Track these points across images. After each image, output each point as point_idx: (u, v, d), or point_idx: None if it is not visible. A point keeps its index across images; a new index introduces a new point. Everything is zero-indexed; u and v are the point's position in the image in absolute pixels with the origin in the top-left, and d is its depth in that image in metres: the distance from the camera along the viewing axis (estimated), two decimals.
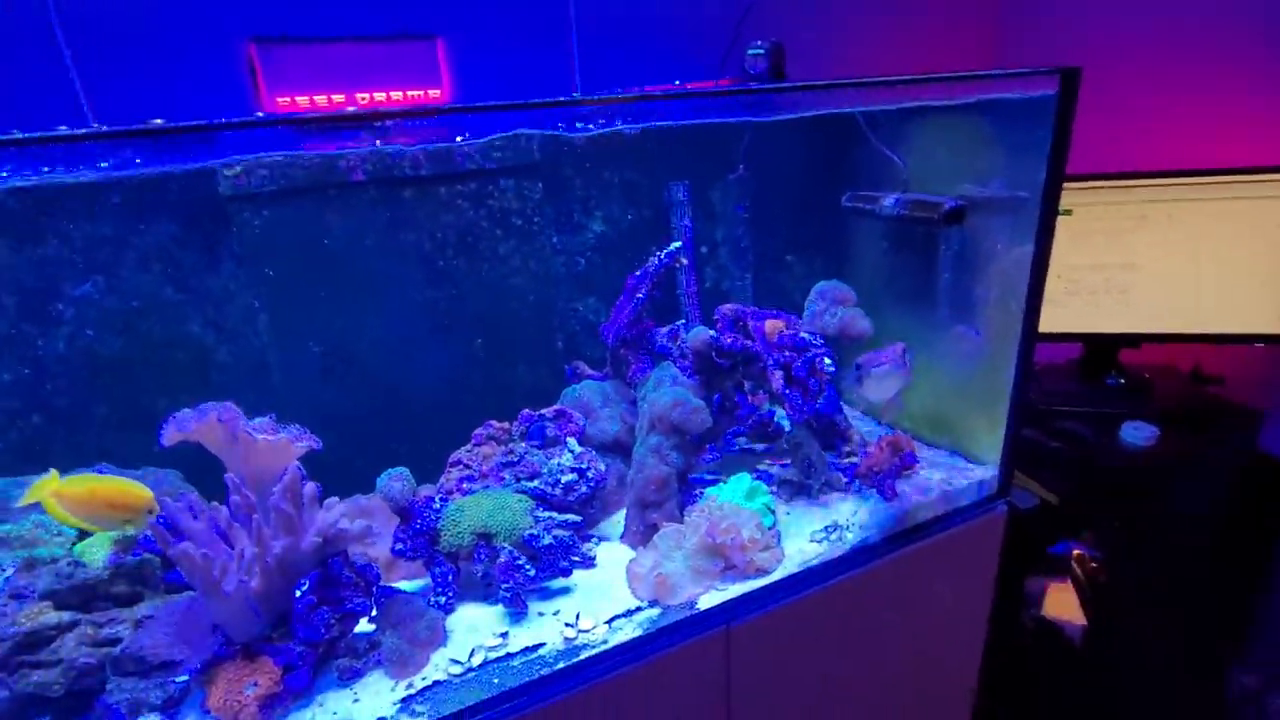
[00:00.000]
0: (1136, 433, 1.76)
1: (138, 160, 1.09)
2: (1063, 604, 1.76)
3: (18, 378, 1.17)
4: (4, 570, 1.07)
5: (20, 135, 0.74)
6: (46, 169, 1.06)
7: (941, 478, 1.42)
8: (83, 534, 1.07)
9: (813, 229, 1.65)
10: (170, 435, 1.06)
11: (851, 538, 1.30)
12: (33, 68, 1.30)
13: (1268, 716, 2.07)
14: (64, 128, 0.79)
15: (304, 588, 1.03)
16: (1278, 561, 2.03)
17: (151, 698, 0.96)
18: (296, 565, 1.02)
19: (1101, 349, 2.01)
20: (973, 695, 1.54)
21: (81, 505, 0.97)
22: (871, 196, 1.45)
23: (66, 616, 0.97)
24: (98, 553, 1.06)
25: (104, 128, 0.79)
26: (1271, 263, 1.79)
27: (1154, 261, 1.87)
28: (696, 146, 1.54)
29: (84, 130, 0.79)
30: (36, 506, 1.05)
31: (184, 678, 0.99)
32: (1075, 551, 1.73)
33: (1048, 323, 1.93)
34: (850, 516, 1.33)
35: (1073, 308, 1.99)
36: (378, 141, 1.25)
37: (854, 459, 1.43)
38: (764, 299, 1.62)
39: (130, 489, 1.01)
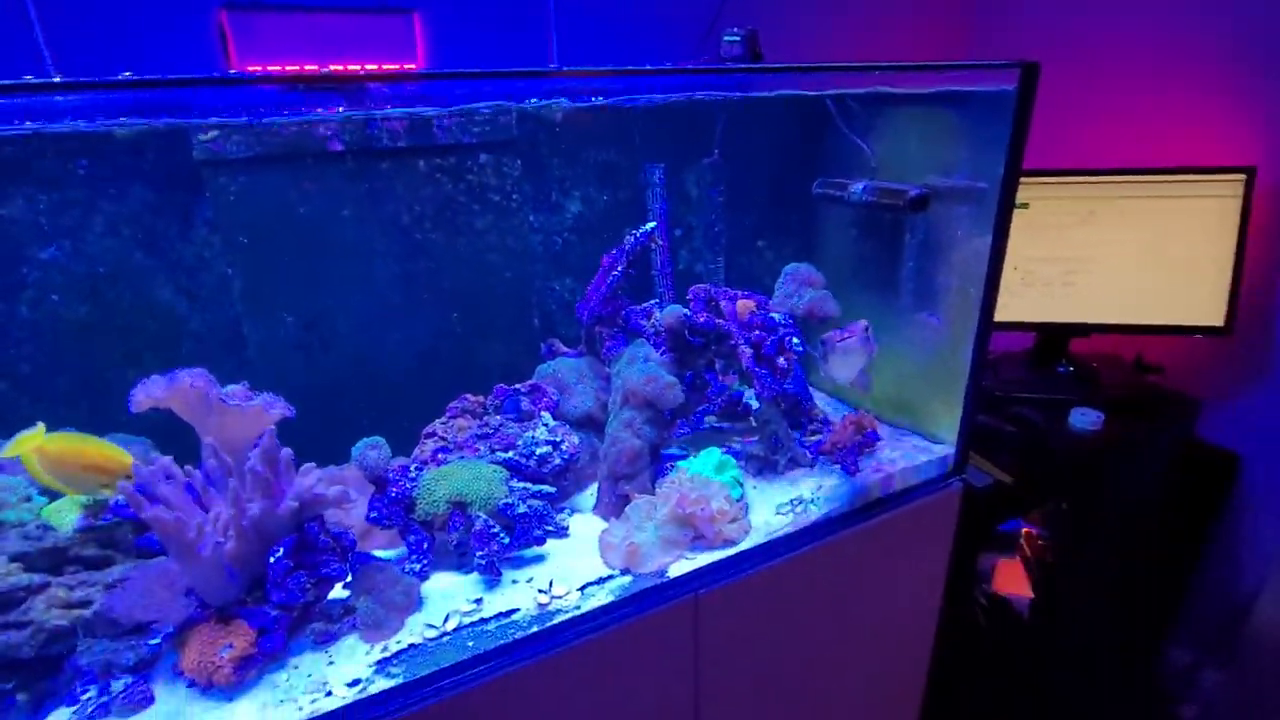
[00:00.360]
0: (1084, 418, 1.85)
1: (118, 119, 1.07)
2: (1011, 579, 1.85)
3: None
4: None
5: None
6: (16, 121, 1.04)
7: (901, 455, 1.48)
8: (51, 497, 1.05)
9: (784, 214, 1.70)
10: (140, 401, 1.05)
11: (816, 511, 1.35)
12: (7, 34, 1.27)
13: (1200, 690, 2.20)
14: (29, 77, 0.77)
15: (279, 552, 1.04)
16: (1211, 543, 2.16)
17: (123, 659, 0.96)
18: (272, 529, 1.02)
19: (1053, 338, 2.11)
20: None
21: (63, 465, 0.97)
22: (841, 183, 1.50)
23: (36, 579, 0.96)
24: (66, 516, 1.05)
25: (68, 79, 0.78)
26: (1211, 258, 1.89)
27: (1103, 255, 1.96)
28: (672, 130, 1.57)
29: (54, 80, 0.78)
30: (2, 469, 1.03)
31: (156, 640, 0.99)
32: (1024, 530, 1.82)
33: (1004, 312, 2.02)
34: (814, 491, 1.38)
35: (1028, 298, 2.08)
36: (340, 109, 1.24)
37: (819, 436, 1.49)
38: (736, 282, 1.66)
39: (115, 453, 1.01)
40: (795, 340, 1.36)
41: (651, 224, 1.40)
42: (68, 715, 0.94)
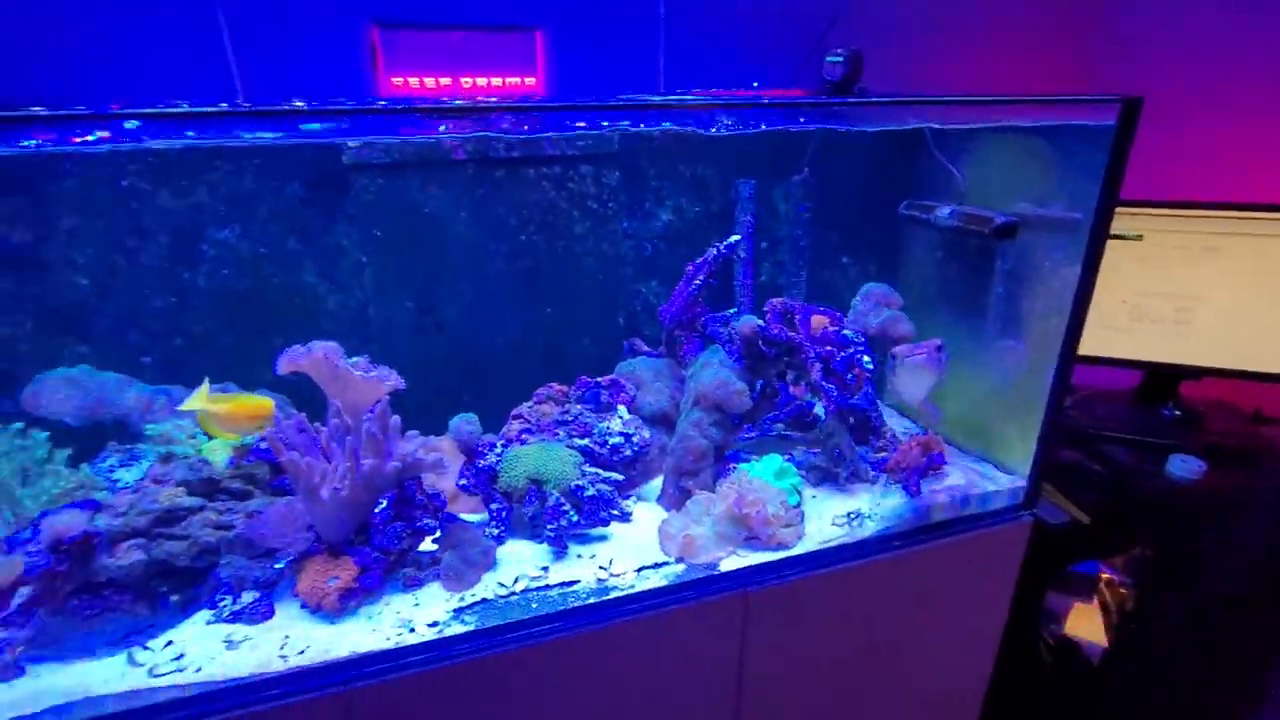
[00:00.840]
0: (1184, 466, 1.75)
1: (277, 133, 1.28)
2: (1085, 624, 1.78)
3: (167, 305, 1.40)
4: (148, 460, 1.30)
5: (186, 108, 0.92)
6: (191, 134, 1.26)
7: (969, 482, 1.48)
8: (210, 437, 1.28)
9: (870, 232, 1.72)
10: (284, 365, 1.25)
11: (872, 526, 1.38)
12: (192, 37, 1.51)
13: None
14: (224, 105, 0.96)
15: (383, 504, 1.21)
16: None
17: (254, 577, 1.16)
18: (379, 484, 1.19)
19: (1160, 379, 1.99)
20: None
21: (225, 418, 1.18)
22: (928, 206, 1.51)
23: (195, 502, 1.17)
24: (220, 455, 1.27)
25: (251, 105, 0.96)
26: None
27: (1222, 294, 1.84)
28: (765, 147, 1.64)
29: (240, 108, 0.96)
30: (172, 408, 1.27)
31: (280, 564, 1.19)
32: (1103, 574, 1.74)
33: (1108, 347, 1.95)
34: (873, 507, 1.41)
35: (1136, 334, 1.98)
36: (441, 126, 1.38)
37: (885, 454, 1.51)
38: (817, 297, 1.70)
39: (263, 403, 1.21)
40: (866, 359, 1.40)
41: (735, 237, 1.48)
42: (207, 617, 1.14)
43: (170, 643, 1.09)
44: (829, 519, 1.39)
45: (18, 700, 0.99)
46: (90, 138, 1.09)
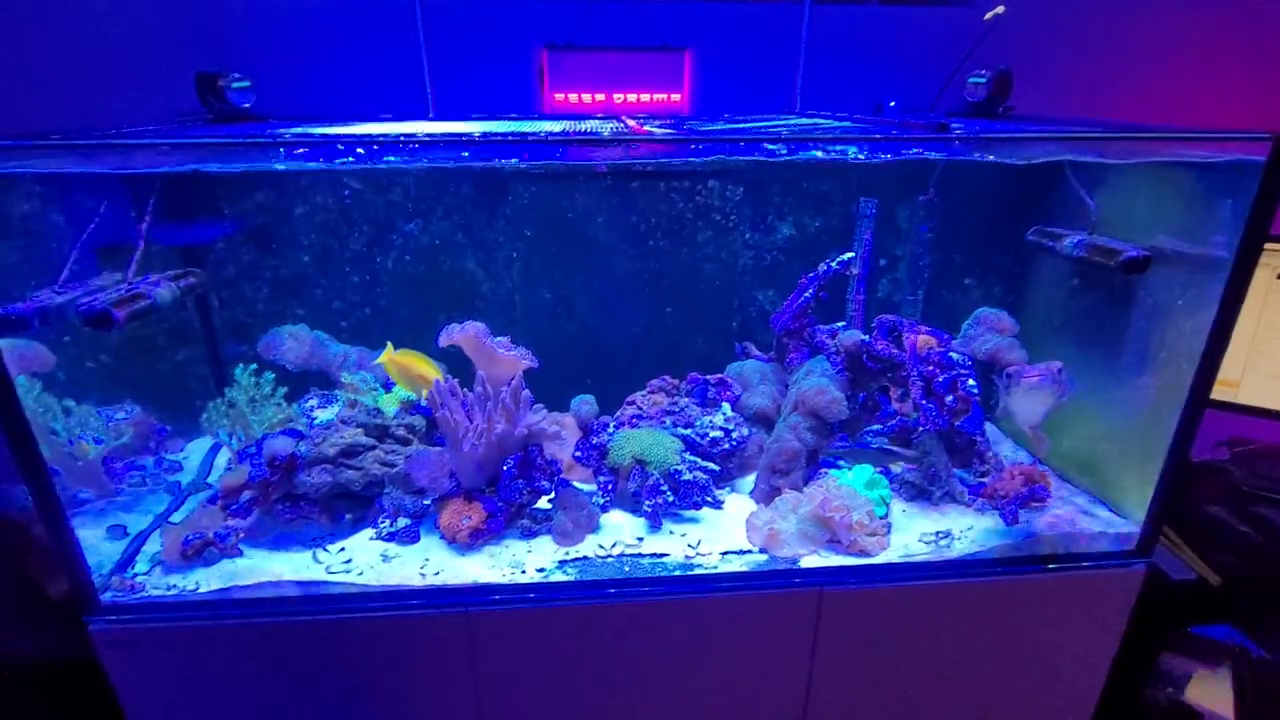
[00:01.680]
0: None
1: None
2: (1213, 695, 1.63)
3: (362, 281, 1.72)
4: (338, 404, 1.62)
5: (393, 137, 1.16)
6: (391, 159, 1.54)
7: (1074, 519, 1.44)
8: (387, 389, 1.57)
9: (994, 257, 1.70)
10: (444, 339, 1.51)
11: (960, 549, 1.40)
12: (400, 64, 1.83)
13: None
14: (420, 134, 1.19)
15: (510, 463, 1.43)
16: None
17: (407, 507, 1.43)
18: (509, 446, 1.41)
19: None
20: None
21: (402, 371, 1.47)
22: (1056, 234, 1.48)
23: (369, 442, 1.46)
24: (390, 407, 1.56)
25: (437, 129, 1.19)
26: None
27: None
28: (890, 167, 1.67)
29: (431, 137, 1.19)
30: (360, 364, 1.57)
31: (428, 501, 1.44)
32: (1237, 645, 1.59)
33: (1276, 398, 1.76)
34: (964, 530, 1.42)
35: None
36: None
37: (985, 479, 1.51)
38: (935, 317, 1.71)
39: (431, 369, 1.48)
40: (971, 382, 1.41)
41: (848, 255, 1.54)
42: (370, 534, 1.42)
43: (343, 549, 1.38)
44: (916, 535, 1.42)
45: (238, 573, 1.32)
46: (342, 160, 1.36)
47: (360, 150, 1.17)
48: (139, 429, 1.60)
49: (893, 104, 1.81)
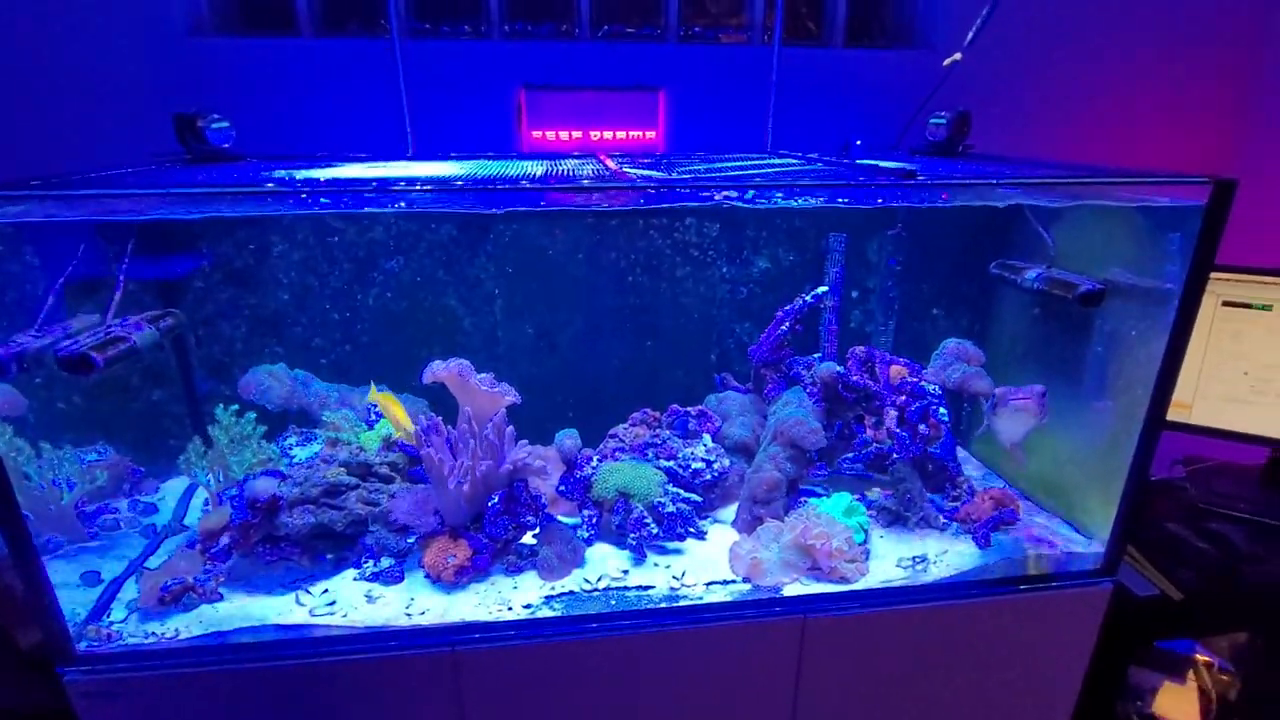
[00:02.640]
0: None
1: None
2: (1178, 707, 1.69)
3: (342, 319, 1.72)
4: (318, 443, 1.61)
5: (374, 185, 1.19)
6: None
7: (1043, 540, 1.49)
8: (370, 427, 1.57)
9: (960, 289, 1.77)
10: (427, 376, 1.52)
11: (937, 573, 1.44)
12: (379, 103, 1.85)
13: None
14: (402, 178, 1.21)
15: (495, 499, 1.44)
16: None
17: (391, 546, 1.42)
18: (494, 482, 1.42)
19: None
20: None
21: (388, 413, 1.47)
22: (1017, 267, 1.55)
23: (352, 481, 1.46)
24: (373, 445, 1.56)
25: (419, 186, 1.21)
26: None
27: None
28: (860, 207, 1.74)
29: (411, 184, 1.22)
30: (342, 402, 1.57)
31: (412, 539, 1.44)
32: (1200, 656, 1.66)
33: (1229, 419, 1.86)
34: (939, 554, 1.47)
35: (1261, 408, 1.86)
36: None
37: (958, 503, 1.56)
38: (905, 347, 1.77)
39: (402, 414, 1.49)
40: (941, 410, 1.47)
41: (822, 289, 1.60)
42: (354, 575, 1.41)
43: (325, 591, 1.37)
44: (894, 560, 1.46)
45: (219, 619, 1.30)
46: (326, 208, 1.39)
47: (345, 199, 1.19)
48: (113, 471, 1.58)
49: (859, 142, 1.89)
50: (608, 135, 2.06)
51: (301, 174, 1.32)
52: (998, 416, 1.42)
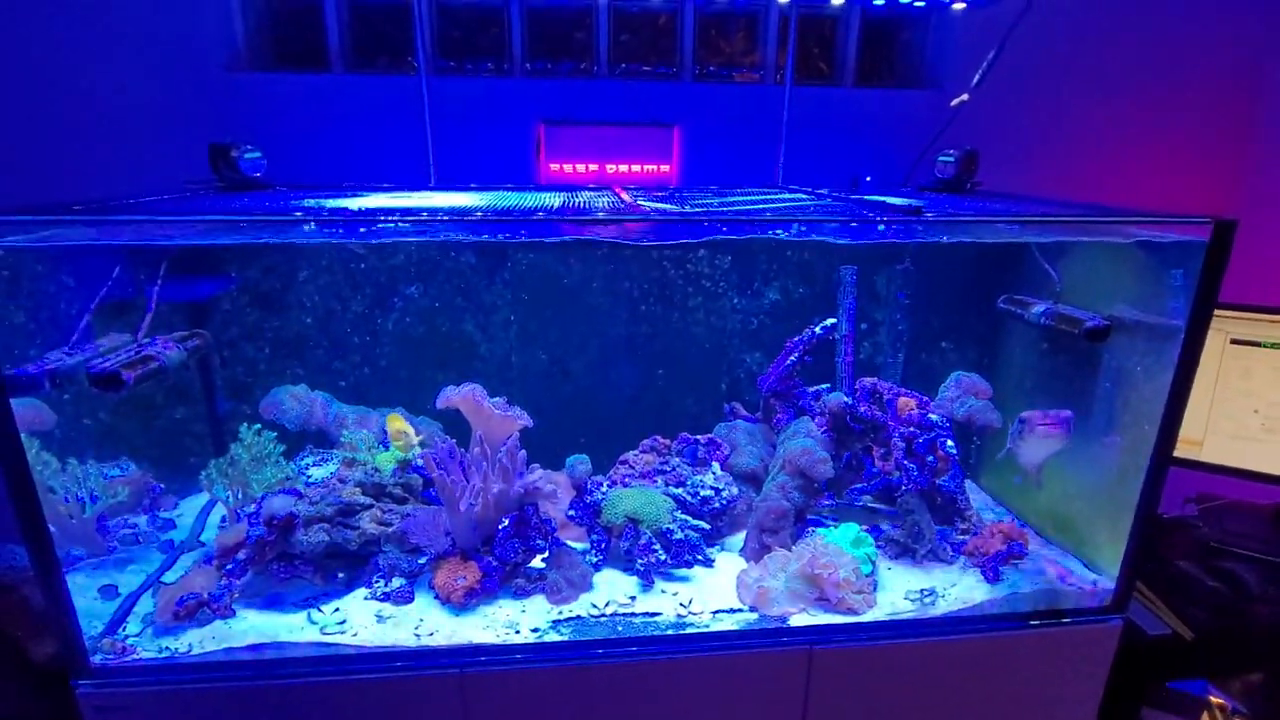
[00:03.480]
0: None
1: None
2: None
3: (362, 342, 1.77)
4: (334, 463, 1.64)
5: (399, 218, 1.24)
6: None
7: (1052, 576, 1.49)
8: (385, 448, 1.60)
9: (968, 322, 1.79)
10: (441, 402, 1.55)
11: (945, 606, 1.43)
12: (404, 135, 1.93)
13: None
14: (423, 213, 1.26)
15: (505, 523, 1.46)
16: None
17: (403, 567, 1.44)
18: (505, 506, 1.44)
19: None
20: None
21: (394, 435, 1.50)
22: (1025, 302, 1.58)
23: (366, 501, 1.48)
24: (387, 466, 1.58)
25: (443, 206, 1.26)
26: None
27: None
28: (870, 241, 1.78)
29: (435, 214, 1.27)
30: (360, 424, 1.61)
31: (423, 560, 1.46)
32: (1214, 698, 1.62)
33: (1239, 458, 1.85)
34: (947, 587, 1.47)
35: (1272, 446, 1.86)
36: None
37: (966, 537, 1.56)
38: (914, 380, 1.79)
39: (408, 427, 1.53)
40: (950, 443, 1.48)
41: (831, 320, 1.63)
42: (365, 594, 1.43)
43: (337, 609, 1.38)
44: (901, 592, 1.46)
45: (231, 634, 1.32)
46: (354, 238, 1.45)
47: (362, 228, 1.23)
48: (134, 486, 1.61)
49: (869, 179, 1.94)
50: (623, 169, 2.12)
51: (330, 203, 1.37)
52: (1024, 441, 1.43)
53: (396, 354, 1.78)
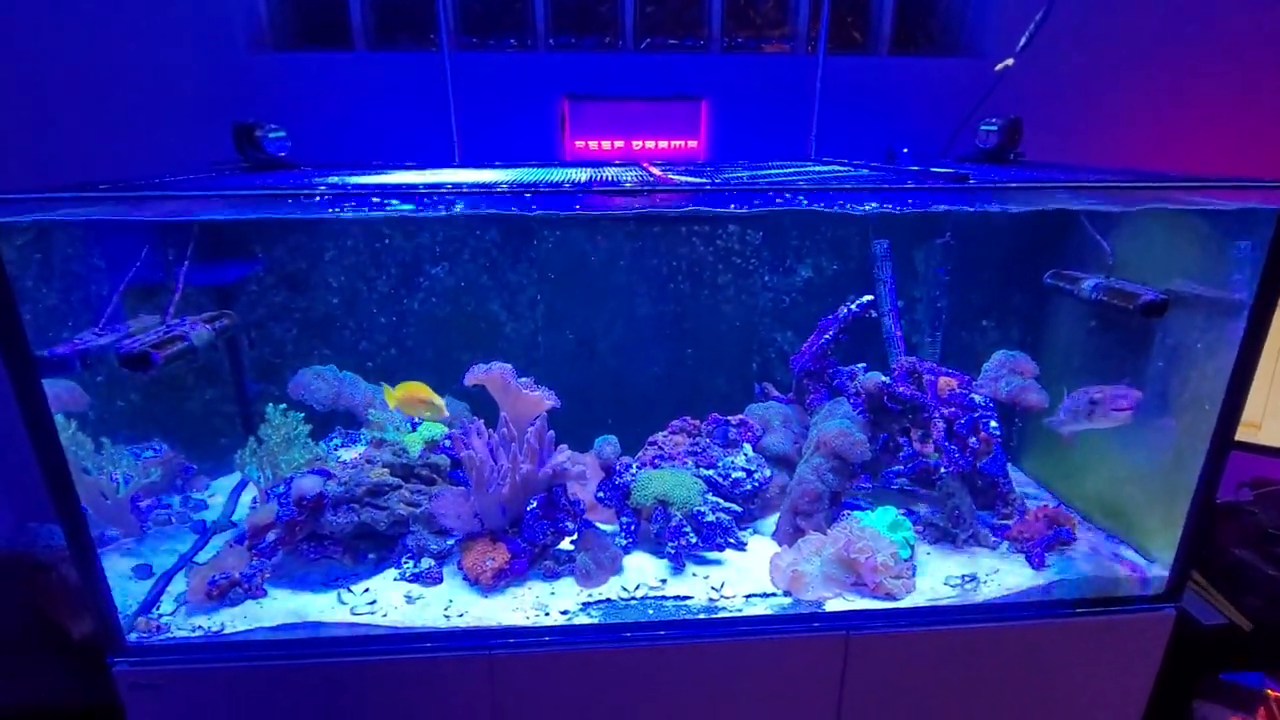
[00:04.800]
0: None
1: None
2: None
3: (389, 322, 1.75)
4: (362, 444, 1.63)
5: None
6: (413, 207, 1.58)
7: (1101, 563, 1.43)
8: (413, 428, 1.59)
9: (1012, 299, 1.72)
10: (470, 379, 1.53)
11: (987, 592, 1.38)
12: (428, 113, 1.89)
13: None
14: (447, 182, 1.23)
15: (534, 504, 1.43)
16: None
17: (431, 547, 1.43)
18: (533, 487, 1.42)
19: None
20: None
21: (406, 403, 1.48)
22: (1074, 277, 1.50)
23: (394, 481, 1.47)
24: (415, 447, 1.57)
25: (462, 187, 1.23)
26: None
27: None
28: (907, 211, 1.71)
29: (457, 187, 1.24)
30: (386, 405, 1.59)
31: (452, 541, 1.45)
32: (1272, 691, 1.56)
33: None
34: (990, 573, 1.41)
35: None
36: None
37: (1009, 521, 1.50)
38: (953, 358, 1.73)
39: (434, 396, 1.49)
40: (993, 424, 1.42)
41: (868, 297, 1.57)
42: (394, 575, 1.42)
43: (367, 590, 1.38)
44: (941, 578, 1.41)
45: (262, 614, 1.32)
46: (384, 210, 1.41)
47: (388, 203, 1.21)
48: (166, 467, 1.62)
49: (905, 150, 1.86)
50: (649, 145, 2.06)
51: (354, 179, 1.35)
52: (1091, 418, 1.35)
53: (423, 334, 1.76)
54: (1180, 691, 1.53)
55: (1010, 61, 1.75)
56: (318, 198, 1.14)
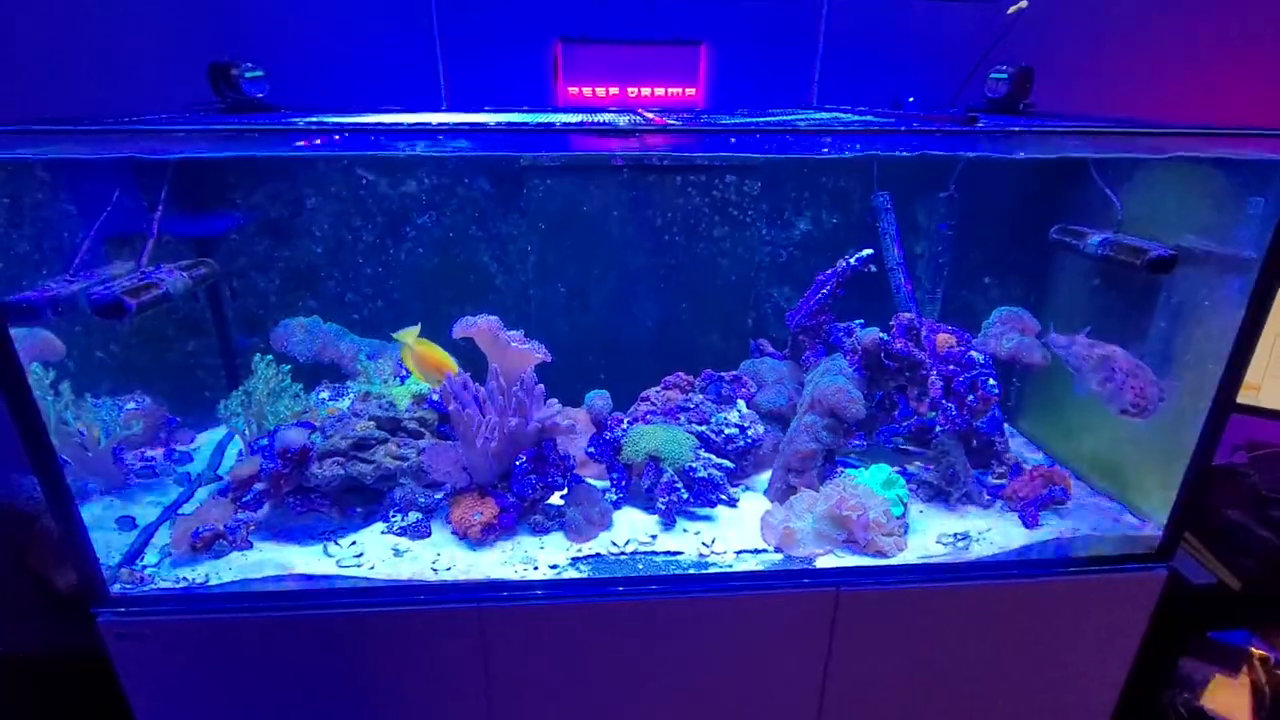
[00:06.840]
0: None
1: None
2: (1230, 701, 1.61)
3: (375, 273, 1.70)
4: (349, 397, 1.60)
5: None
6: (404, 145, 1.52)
7: (1095, 522, 1.42)
8: (401, 382, 1.55)
9: (1016, 255, 1.68)
10: (458, 331, 1.49)
11: (979, 551, 1.38)
12: (414, 55, 1.81)
13: None
14: (432, 120, 1.17)
15: (523, 458, 1.41)
16: None
17: (419, 501, 1.41)
18: (521, 440, 1.40)
19: None
20: None
21: (420, 360, 1.44)
22: (1080, 232, 1.46)
23: (381, 435, 1.44)
24: (403, 400, 1.54)
25: (452, 119, 1.17)
26: None
27: None
28: (910, 164, 1.65)
29: (443, 125, 1.18)
30: (372, 357, 1.55)
31: (440, 495, 1.43)
32: (1256, 650, 1.57)
33: None
34: (983, 531, 1.40)
35: None
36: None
37: (1003, 481, 1.49)
38: (952, 315, 1.69)
39: (449, 362, 1.46)
40: (992, 382, 1.39)
41: (868, 250, 1.52)
42: (381, 528, 1.40)
43: (354, 543, 1.36)
44: (934, 536, 1.40)
45: (247, 567, 1.30)
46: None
47: (374, 138, 1.15)
48: (149, 420, 1.59)
49: (911, 99, 1.79)
50: (646, 92, 1.98)
51: (336, 119, 1.28)
52: (1123, 392, 1.31)
53: (410, 286, 1.71)
54: (1167, 649, 1.54)
55: (1024, 3, 1.67)
56: (298, 132, 1.08)
